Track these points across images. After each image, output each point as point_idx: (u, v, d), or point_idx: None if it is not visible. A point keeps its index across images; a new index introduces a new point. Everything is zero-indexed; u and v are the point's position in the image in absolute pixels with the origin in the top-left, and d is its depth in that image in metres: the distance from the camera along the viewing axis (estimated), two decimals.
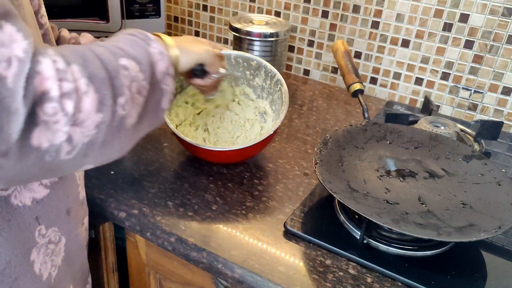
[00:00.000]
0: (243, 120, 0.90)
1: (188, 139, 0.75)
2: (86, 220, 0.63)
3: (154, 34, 0.56)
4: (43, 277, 0.52)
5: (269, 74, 0.85)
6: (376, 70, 1.15)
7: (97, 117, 0.39)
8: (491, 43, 0.99)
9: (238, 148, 0.78)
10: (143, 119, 0.47)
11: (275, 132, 0.77)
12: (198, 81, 0.69)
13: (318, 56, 1.22)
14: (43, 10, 0.52)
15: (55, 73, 0.35)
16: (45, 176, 0.41)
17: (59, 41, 0.74)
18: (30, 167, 0.37)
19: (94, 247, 0.79)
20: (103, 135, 0.41)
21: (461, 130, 0.93)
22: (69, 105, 0.36)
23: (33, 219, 0.50)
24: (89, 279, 0.67)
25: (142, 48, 0.47)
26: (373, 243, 0.66)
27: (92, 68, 0.39)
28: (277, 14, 1.23)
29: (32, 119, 0.35)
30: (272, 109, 0.87)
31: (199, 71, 0.68)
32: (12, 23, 0.33)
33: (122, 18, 1.14)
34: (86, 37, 0.75)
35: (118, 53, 0.44)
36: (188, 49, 0.60)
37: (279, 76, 0.83)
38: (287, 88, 0.82)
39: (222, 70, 0.69)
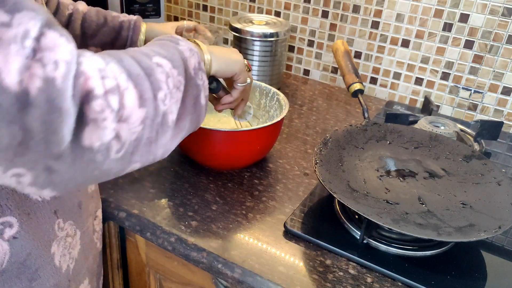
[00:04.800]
0: None
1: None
2: (99, 212, 0.64)
3: (189, 40, 0.58)
4: (62, 269, 0.53)
5: (264, 92, 0.89)
6: (376, 70, 1.15)
7: (141, 112, 0.40)
8: (491, 43, 0.99)
9: (248, 129, 0.74)
10: (184, 116, 0.48)
11: (282, 120, 0.77)
12: (227, 98, 0.68)
13: (318, 56, 1.22)
14: None
15: (97, 72, 0.36)
16: (97, 179, 0.41)
17: (58, 7, 0.79)
18: (83, 169, 0.38)
19: None
20: (148, 131, 0.42)
21: (461, 130, 0.93)
22: (114, 101, 0.37)
23: (52, 213, 0.51)
24: (102, 271, 0.68)
25: (172, 47, 0.49)
26: (373, 243, 0.66)
27: (128, 66, 0.41)
28: (277, 14, 1.23)
29: (81, 119, 0.35)
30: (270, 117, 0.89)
31: (215, 86, 0.66)
32: (54, 29, 0.34)
33: None
34: (82, 5, 0.82)
35: (149, 53, 0.46)
36: (219, 56, 0.61)
37: (274, 89, 0.87)
38: (284, 95, 0.84)
39: (248, 80, 0.67)
